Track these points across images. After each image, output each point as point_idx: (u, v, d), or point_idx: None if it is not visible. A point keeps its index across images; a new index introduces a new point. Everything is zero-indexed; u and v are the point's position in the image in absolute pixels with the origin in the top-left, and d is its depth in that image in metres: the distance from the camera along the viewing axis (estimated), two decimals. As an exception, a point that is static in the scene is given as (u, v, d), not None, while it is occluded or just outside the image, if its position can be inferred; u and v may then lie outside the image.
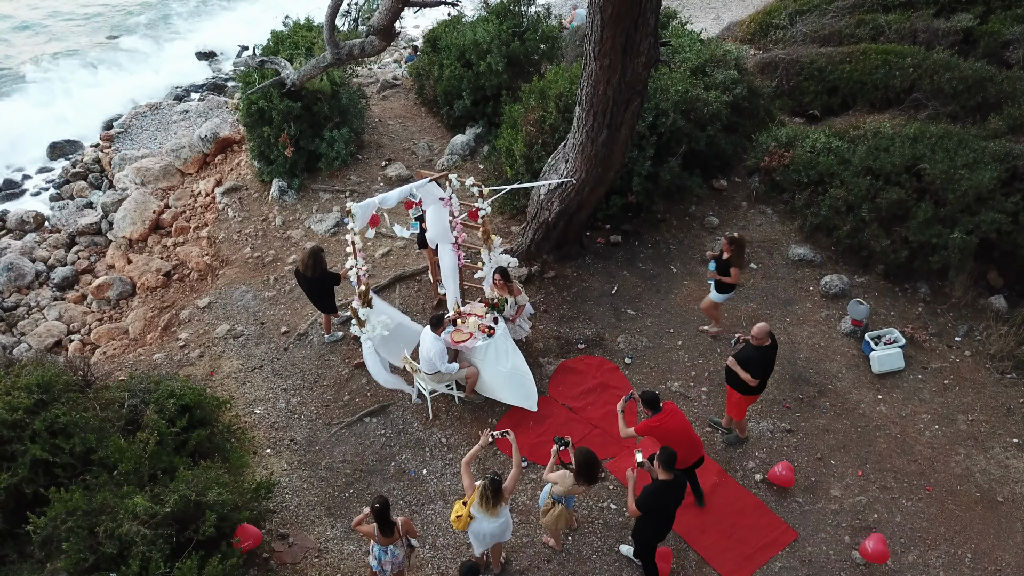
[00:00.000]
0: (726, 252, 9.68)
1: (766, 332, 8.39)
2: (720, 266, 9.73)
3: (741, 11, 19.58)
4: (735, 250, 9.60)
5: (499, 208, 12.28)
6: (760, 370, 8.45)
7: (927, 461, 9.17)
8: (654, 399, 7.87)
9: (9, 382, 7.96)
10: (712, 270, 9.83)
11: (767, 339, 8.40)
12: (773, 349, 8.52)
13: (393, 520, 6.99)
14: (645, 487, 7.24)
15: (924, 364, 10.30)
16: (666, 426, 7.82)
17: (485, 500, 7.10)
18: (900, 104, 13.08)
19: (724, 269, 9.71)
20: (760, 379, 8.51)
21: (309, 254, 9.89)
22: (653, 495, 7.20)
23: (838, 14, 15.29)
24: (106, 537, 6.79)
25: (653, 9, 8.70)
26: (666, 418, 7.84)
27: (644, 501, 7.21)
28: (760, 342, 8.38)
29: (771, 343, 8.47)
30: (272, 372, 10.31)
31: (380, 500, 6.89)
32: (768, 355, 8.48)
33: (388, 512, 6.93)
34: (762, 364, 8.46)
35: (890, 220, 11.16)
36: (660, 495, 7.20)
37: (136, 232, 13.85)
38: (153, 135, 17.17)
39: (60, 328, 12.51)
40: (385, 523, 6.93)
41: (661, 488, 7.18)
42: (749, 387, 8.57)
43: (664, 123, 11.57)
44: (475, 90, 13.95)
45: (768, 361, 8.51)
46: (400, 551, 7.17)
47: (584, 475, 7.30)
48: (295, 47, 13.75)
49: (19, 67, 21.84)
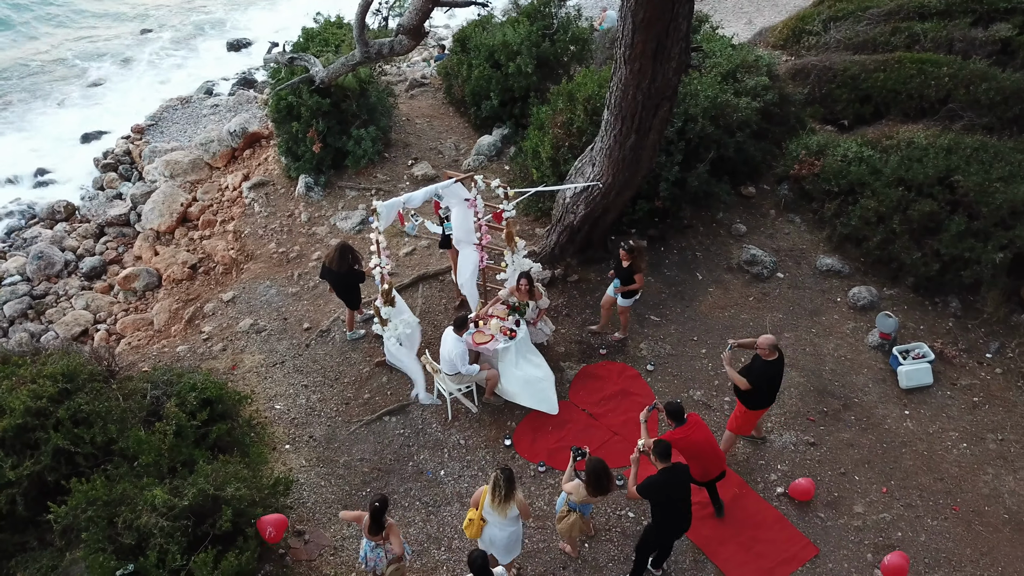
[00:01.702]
0: (625, 261, 9.72)
1: (772, 345, 8.18)
2: (623, 274, 9.81)
3: (774, 16, 19.38)
4: (634, 257, 9.68)
5: (524, 210, 12.23)
6: (764, 384, 8.27)
7: (954, 480, 8.99)
8: (679, 411, 7.76)
9: (35, 370, 8.05)
10: (616, 286, 9.96)
11: (774, 353, 8.20)
12: (780, 364, 8.31)
13: (382, 521, 7.04)
14: (648, 476, 7.19)
15: (953, 380, 10.11)
16: (690, 439, 7.72)
17: (497, 492, 7.01)
18: (934, 114, 12.84)
19: (627, 277, 9.80)
20: (765, 393, 8.35)
21: (336, 249, 9.93)
22: (655, 484, 7.15)
23: (873, 21, 15.05)
24: (125, 528, 6.85)
25: (685, 14, 8.60)
26: (691, 431, 7.73)
27: (646, 489, 7.16)
28: (767, 356, 8.20)
29: (778, 357, 8.26)
30: (293, 368, 10.34)
31: (380, 499, 7.00)
32: (772, 370, 8.26)
33: (383, 512, 7.01)
34: (766, 378, 8.26)
35: (921, 232, 10.97)
36: (663, 483, 7.13)
37: (164, 224, 13.98)
38: (183, 128, 17.33)
39: (87, 317, 12.66)
40: (375, 520, 7.01)
41: (664, 476, 7.12)
42: (752, 400, 8.41)
43: (693, 129, 11.46)
44: (503, 91, 13.91)
45: (772, 376, 8.30)
46: (383, 554, 7.20)
47: (594, 486, 7.24)
48: (325, 44, 13.81)
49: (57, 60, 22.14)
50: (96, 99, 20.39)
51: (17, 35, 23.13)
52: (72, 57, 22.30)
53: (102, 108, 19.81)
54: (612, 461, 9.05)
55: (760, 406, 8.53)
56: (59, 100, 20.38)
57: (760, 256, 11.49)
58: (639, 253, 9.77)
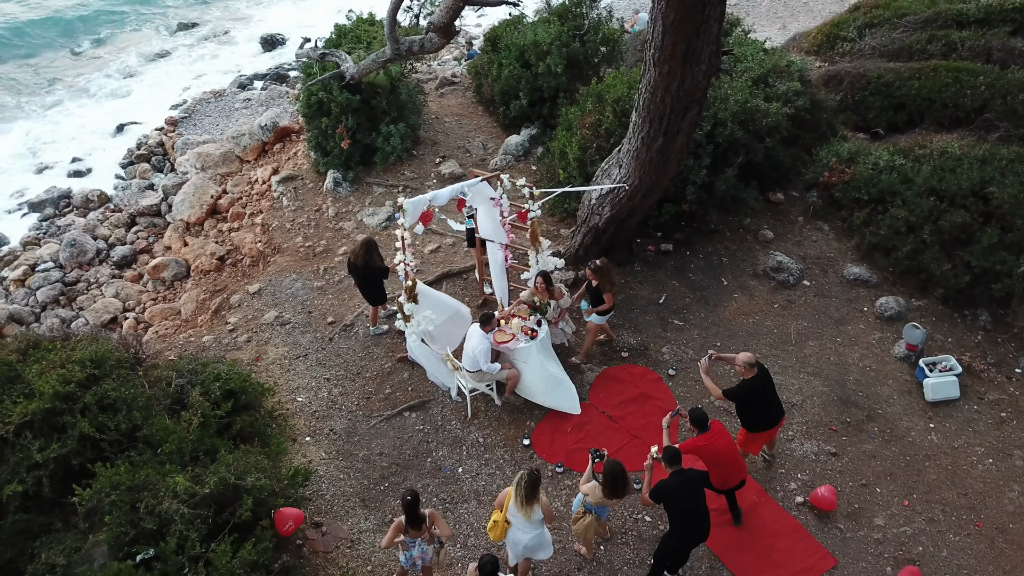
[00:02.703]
0: (594, 280, 9.61)
1: (748, 362, 8.04)
2: (592, 294, 9.72)
3: (808, 22, 19.20)
4: (601, 277, 9.54)
5: (549, 211, 12.22)
6: (752, 400, 8.12)
7: (978, 496, 8.85)
8: (703, 418, 7.70)
9: (64, 355, 8.18)
10: (586, 308, 9.87)
11: (752, 370, 8.07)
12: (761, 379, 8.13)
13: (422, 513, 7.04)
14: (660, 480, 7.19)
15: (981, 395, 9.95)
16: (713, 446, 7.67)
17: (519, 493, 7.00)
18: (970, 124, 12.62)
19: (597, 296, 9.69)
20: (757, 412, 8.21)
21: (361, 244, 10.01)
22: (666, 488, 7.14)
23: (909, 29, 14.83)
24: (147, 513, 6.94)
25: (717, 17, 8.54)
26: (714, 438, 7.69)
27: (657, 493, 7.17)
28: (745, 373, 8.09)
29: (758, 373, 8.11)
30: (316, 361, 10.43)
31: (411, 493, 6.97)
32: (755, 385, 8.09)
33: (417, 505, 6.99)
34: (750, 395, 8.11)
35: (952, 243, 10.81)
36: (673, 487, 7.12)
37: (194, 216, 14.17)
38: (215, 121, 17.57)
39: (116, 305, 12.88)
40: (414, 516, 6.98)
41: (673, 481, 7.12)
42: (749, 422, 8.30)
43: (722, 133, 11.38)
44: (532, 91, 13.92)
45: (756, 392, 8.11)
46: (428, 546, 7.20)
47: (611, 488, 7.24)
48: (357, 41, 13.90)
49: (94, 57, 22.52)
50: (131, 91, 20.73)
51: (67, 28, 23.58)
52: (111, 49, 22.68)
53: (137, 100, 20.15)
54: (630, 464, 9.01)
55: (757, 427, 8.33)
56: (95, 91, 20.74)
57: (786, 263, 11.39)
58: (606, 272, 9.59)
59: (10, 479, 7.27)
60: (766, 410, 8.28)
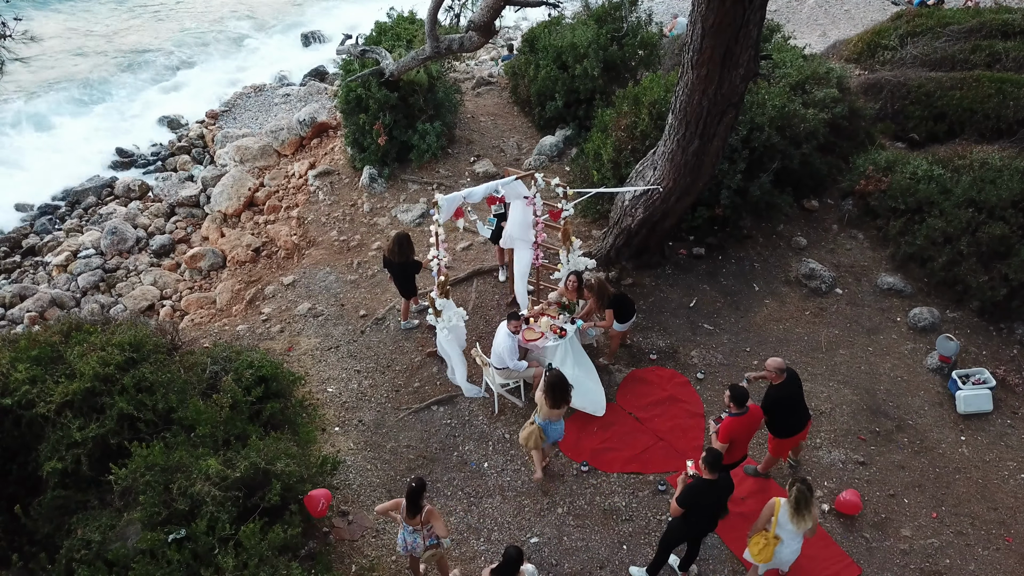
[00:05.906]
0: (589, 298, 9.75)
1: (779, 368, 8.08)
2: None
3: (849, 29, 19.03)
4: (594, 294, 9.60)
5: (581, 211, 12.26)
6: (778, 409, 8.15)
7: (1009, 510, 8.72)
8: (743, 395, 7.87)
9: (104, 338, 8.39)
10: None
11: (781, 376, 8.10)
12: (790, 385, 8.15)
13: (420, 504, 7.13)
14: (687, 484, 7.27)
15: (1015, 409, 9.80)
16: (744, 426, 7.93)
17: (800, 504, 7.07)
18: (1012, 136, 12.45)
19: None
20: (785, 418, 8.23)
21: (394, 240, 10.12)
22: (693, 490, 7.21)
23: (952, 38, 14.65)
24: (179, 494, 7.10)
25: (756, 21, 8.53)
26: (749, 420, 7.94)
27: (684, 496, 7.23)
28: (775, 380, 8.11)
29: (787, 378, 8.13)
30: (347, 353, 10.58)
31: (418, 480, 7.12)
32: (781, 392, 8.11)
33: (420, 494, 7.11)
34: (777, 403, 8.13)
35: (990, 256, 10.67)
36: (700, 492, 7.20)
37: (231, 207, 14.42)
38: (255, 115, 17.85)
39: (154, 293, 13.16)
40: (413, 503, 7.11)
41: (702, 486, 7.18)
42: (779, 429, 8.32)
43: (758, 138, 11.33)
44: (568, 92, 13.97)
45: (782, 399, 8.13)
46: (420, 540, 7.29)
47: (551, 397, 8.01)
48: (397, 39, 14.05)
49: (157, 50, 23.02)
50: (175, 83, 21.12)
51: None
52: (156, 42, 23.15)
53: (180, 93, 20.52)
54: (654, 467, 9.11)
55: (786, 432, 8.35)
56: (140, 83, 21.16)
57: (819, 271, 11.31)
58: (600, 289, 9.62)
59: (50, 456, 7.48)
60: (795, 415, 8.28)
